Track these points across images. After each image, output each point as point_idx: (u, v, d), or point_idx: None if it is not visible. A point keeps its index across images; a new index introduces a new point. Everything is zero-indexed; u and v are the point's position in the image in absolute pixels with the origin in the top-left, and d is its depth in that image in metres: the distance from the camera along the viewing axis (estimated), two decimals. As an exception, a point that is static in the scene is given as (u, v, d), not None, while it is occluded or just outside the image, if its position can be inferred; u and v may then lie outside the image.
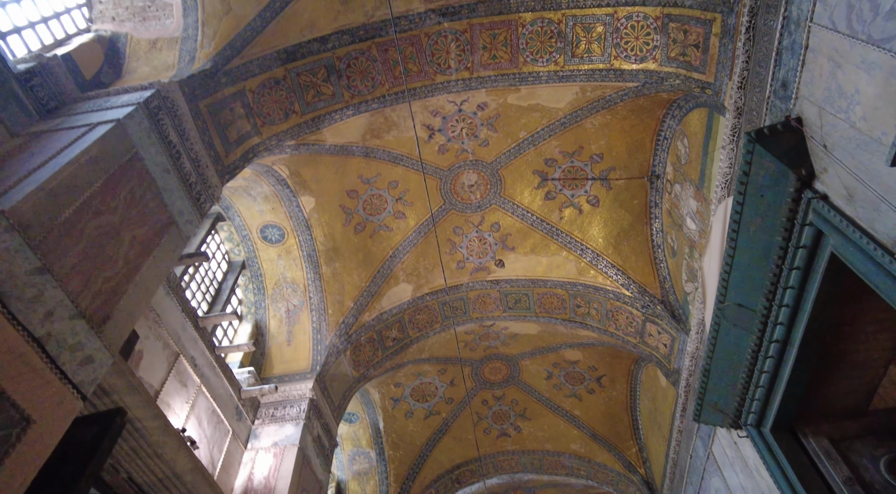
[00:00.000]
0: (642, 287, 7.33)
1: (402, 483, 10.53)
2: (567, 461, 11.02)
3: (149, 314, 4.98)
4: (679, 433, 7.56)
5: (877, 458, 4.54)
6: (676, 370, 7.23)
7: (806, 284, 4.06)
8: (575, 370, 10.16)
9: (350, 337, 8.02)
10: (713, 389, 5.35)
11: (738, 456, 5.83)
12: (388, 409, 10.43)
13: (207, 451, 5.65)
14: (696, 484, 7.33)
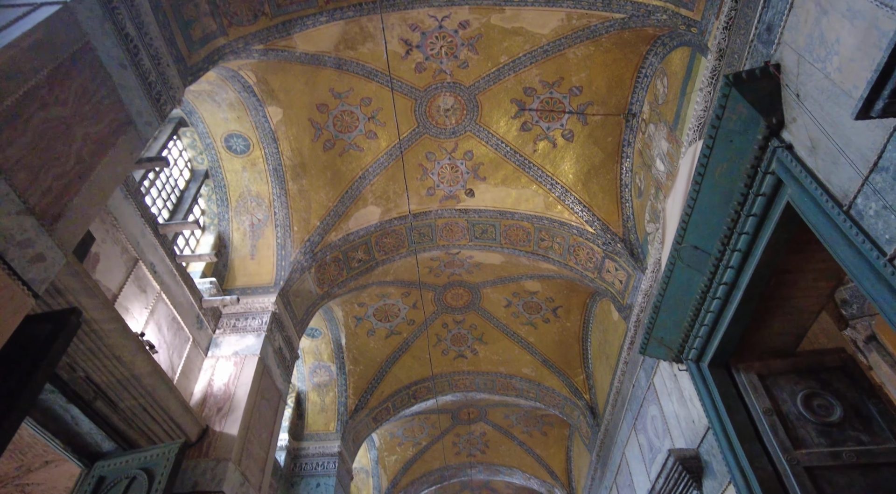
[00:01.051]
0: (605, 225, 7.48)
1: (360, 395, 11.00)
2: (518, 383, 11.65)
3: (106, 217, 4.84)
4: (625, 364, 8.04)
5: (795, 393, 4.95)
6: (629, 306, 7.56)
7: (759, 231, 4.21)
8: (533, 301, 10.51)
9: (315, 255, 8.03)
10: (661, 325, 5.64)
11: (675, 387, 6.27)
12: (350, 326, 10.68)
13: (167, 356, 5.73)
14: (634, 411, 7.90)
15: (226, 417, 5.92)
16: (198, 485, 5.33)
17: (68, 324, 3.11)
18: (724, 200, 4.30)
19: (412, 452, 14.22)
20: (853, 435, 4.63)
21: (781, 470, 4.52)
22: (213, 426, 5.83)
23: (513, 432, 14.17)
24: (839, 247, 3.20)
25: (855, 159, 2.94)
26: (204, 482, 5.35)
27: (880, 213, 2.82)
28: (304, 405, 10.81)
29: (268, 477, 6.44)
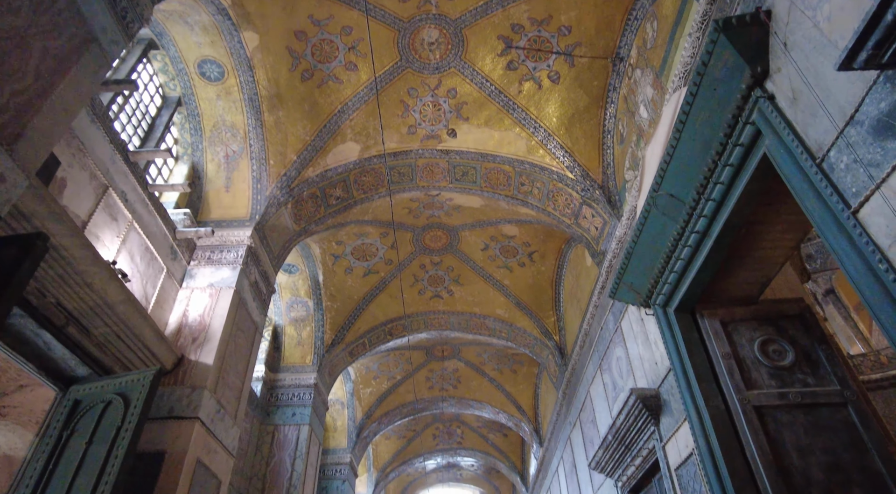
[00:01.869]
0: (585, 171, 7.48)
1: (337, 330, 11.20)
2: (491, 323, 11.96)
3: (72, 141, 4.66)
4: (595, 308, 8.28)
5: (753, 339, 5.20)
6: (602, 252, 7.70)
7: (734, 181, 4.26)
8: (510, 245, 10.62)
9: (292, 191, 7.91)
10: (632, 271, 5.79)
11: (641, 331, 6.51)
12: (328, 264, 10.71)
13: (140, 286, 5.70)
14: (601, 352, 8.22)
15: (201, 347, 5.99)
16: (174, 411, 5.45)
17: (34, 248, 3.05)
18: (703, 149, 4.31)
19: (387, 385, 14.70)
20: (801, 378, 4.92)
21: (733, 409, 4.81)
22: (188, 355, 5.91)
23: (484, 369, 14.69)
24: (808, 199, 3.27)
25: (833, 112, 2.95)
26: (180, 408, 5.47)
27: (850, 166, 2.87)
28: (280, 339, 10.99)
29: (243, 406, 6.61)
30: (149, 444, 5.17)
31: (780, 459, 4.47)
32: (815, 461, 4.44)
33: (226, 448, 5.99)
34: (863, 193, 2.83)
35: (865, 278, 2.83)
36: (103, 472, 4.08)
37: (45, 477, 4.20)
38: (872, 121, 2.70)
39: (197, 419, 5.43)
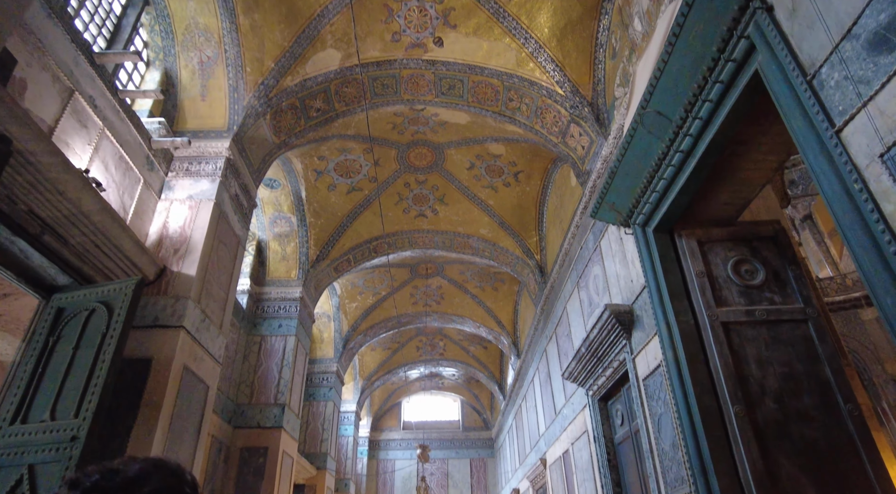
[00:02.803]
0: (576, 87, 7.26)
1: (321, 247, 11.26)
2: (475, 243, 12.10)
3: (28, 37, 4.34)
4: (576, 227, 8.37)
5: (727, 259, 5.34)
6: (587, 172, 7.67)
7: (723, 99, 4.18)
8: (496, 164, 10.51)
9: (270, 101, 7.60)
10: (614, 190, 5.79)
11: (619, 250, 6.64)
12: (310, 180, 10.55)
13: (117, 196, 5.59)
14: (579, 270, 8.41)
15: (183, 258, 6.00)
16: (158, 320, 5.55)
17: (-2, 151, 2.93)
18: (695, 64, 4.18)
19: (372, 300, 15.05)
20: (768, 297, 5.12)
21: (702, 324, 5.03)
22: (170, 266, 5.92)
23: (467, 286, 15.05)
24: (794, 118, 3.22)
25: (831, 24, 2.84)
26: (164, 317, 5.57)
27: (840, 83, 2.81)
28: (265, 254, 11.04)
29: (228, 316, 6.75)
30: (136, 351, 5.30)
31: (740, 370, 4.75)
32: (772, 371, 4.73)
33: (212, 356, 6.18)
34: (849, 111, 2.79)
35: (840, 198, 2.86)
36: (92, 375, 4.21)
37: (35, 379, 4.33)
38: (869, 34, 2.61)
39: (182, 328, 5.54)
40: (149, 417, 4.98)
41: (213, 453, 8.31)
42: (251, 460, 8.84)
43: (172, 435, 5.21)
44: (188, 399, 5.58)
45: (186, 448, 5.47)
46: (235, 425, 9.20)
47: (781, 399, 4.60)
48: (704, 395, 4.69)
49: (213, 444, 8.31)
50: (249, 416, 9.33)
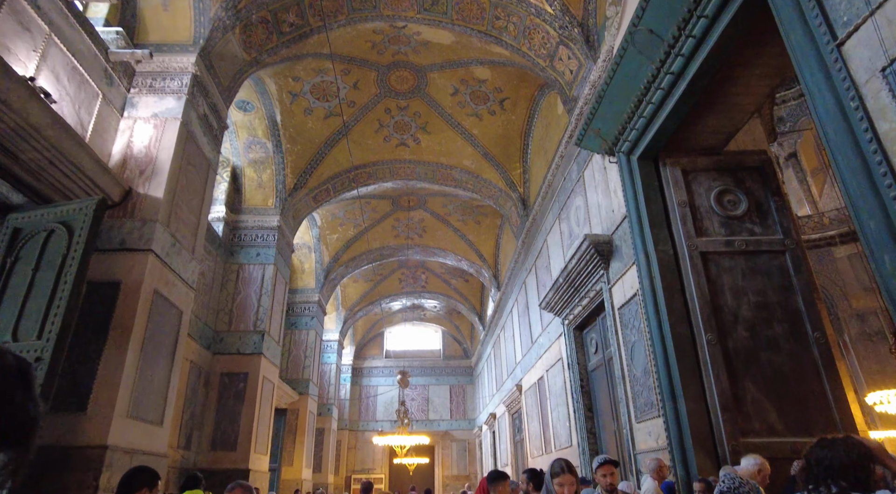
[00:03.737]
0: (566, 5, 6.82)
1: (299, 175, 10.93)
2: (458, 174, 11.85)
3: (-48, -78, 3.84)
4: (560, 158, 8.17)
5: (711, 188, 5.24)
6: (574, 99, 7.38)
7: (720, 14, 3.92)
8: (481, 90, 10.09)
9: (239, 13, 7.04)
10: (601, 116, 5.57)
11: (602, 180, 6.50)
12: (285, 103, 10.06)
13: (73, 111, 5.22)
14: (562, 202, 8.30)
15: (149, 180, 5.72)
16: (125, 243, 5.36)
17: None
18: (693, -27, 3.88)
19: (353, 232, 14.90)
20: (748, 227, 5.08)
21: (680, 254, 5.00)
22: (136, 188, 5.65)
23: (449, 219, 14.92)
24: (794, 32, 3.01)
25: (844, -79, 2.58)
26: (131, 240, 5.37)
27: (848, -10, 2.59)
28: (241, 181, 10.70)
29: (201, 241, 6.57)
30: (103, 274, 5.14)
31: (715, 299, 4.78)
32: (747, 301, 4.77)
33: (185, 281, 6.06)
34: (853, 22, 2.59)
35: (833, 117, 2.71)
36: (54, 297, 4.07)
37: (-6, 300, 4.18)
38: (885, -69, 2.37)
39: (150, 251, 5.36)
40: (119, 340, 4.90)
41: (192, 378, 8.38)
42: (231, 385, 8.96)
43: (145, 359, 5.16)
44: (160, 324, 5.50)
45: (161, 371, 5.45)
46: (215, 351, 9.24)
47: (753, 328, 4.66)
48: (679, 323, 4.73)
49: (191, 369, 8.36)
50: (229, 343, 9.36)
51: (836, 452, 1.54)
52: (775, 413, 4.33)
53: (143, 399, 5.10)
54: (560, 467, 2.27)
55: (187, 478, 4.55)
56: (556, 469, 2.26)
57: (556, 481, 2.17)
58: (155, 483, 2.14)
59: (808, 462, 1.64)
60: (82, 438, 4.48)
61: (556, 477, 2.21)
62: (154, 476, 2.16)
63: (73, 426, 4.54)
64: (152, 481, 2.14)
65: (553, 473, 2.25)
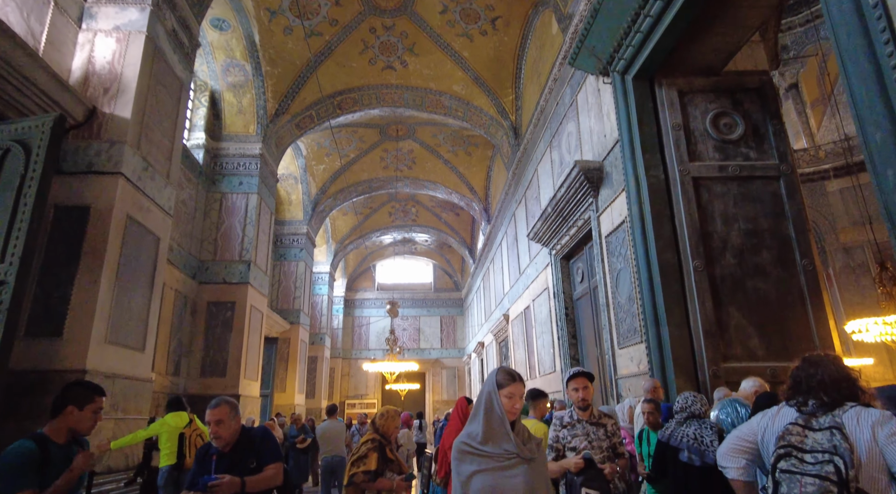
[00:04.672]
0: None
1: (280, 100, 10.45)
2: (447, 101, 11.39)
3: None
4: (554, 81, 7.79)
5: (707, 111, 4.99)
6: (570, 16, 6.92)
7: None
8: (472, 8, 9.47)
9: (205, -88, 6.40)
10: (596, 32, 5.21)
11: (596, 102, 6.20)
12: (263, 21, 9.43)
13: (20, 19, 4.78)
14: (553, 129, 8.00)
15: (115, 99, 5.37)
16: (93, 166, 5.10)
17: None
18: None
19: (340, 163, 14.53)
20: (744, 152, 4.89)
21: (672, 179, 4.82)
22: (101, 107, 5.31)
23: (439, 150, 14.55)
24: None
25: None
26: (99, 162, 5.11)
27: None
28: (220, 106, 10.23)
29: (176, 166, 6.30)
30: (71, 198, 4.93)
31: (705, 225, 4.66)
32: (737, 227, 4.65)
33: (161, 207, 5.85)
34: None
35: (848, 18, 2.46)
36: (14, 219, 3.87)
37: (-48, 223, 3.97)
38: None
39: (120, 174, 5.11)
40: (92, 266, 4.76)
41: (177, 306, 8.35)
42: (218, 313, 8.96)
43: (121, 285, 5.05)
44: (136, 250, 5.34)
45: (139, 297, 5.36)
46: (200, 280, 9.17)
47: (741, 255, 4.58)
48: (666, 250, 4.63)
49: (176, 298, 8.31)
50: (214, 272, 9.28)
51: (827, 368, 1.63)
52: (757, 339, 4.34)
53: (121, 325, 5.03)
54: (506, 376, 1.71)
55: (170, 401, 4.57)
56: (501, 379, 1.70)
57: (505, 392, 1.66)
58: (88, 400, 1.94)
59: (795, 378, 1.70)
60: (60, 362, 4.44)
61: (504, 388, 1.67)
62: (86, 393, 1.98)
63: (50, 351, 4.48)
64: (81, 398, 1.95)
65: (499, 384, 1.69)
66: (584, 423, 2.69)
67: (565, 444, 2.66)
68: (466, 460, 1.59)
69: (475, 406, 1.71)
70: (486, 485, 1.54)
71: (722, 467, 1.85)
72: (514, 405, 1.67)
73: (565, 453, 2.64)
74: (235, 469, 2.11)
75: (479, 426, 1.62)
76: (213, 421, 2.15)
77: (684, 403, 2.76)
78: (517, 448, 1.59)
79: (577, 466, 2.46)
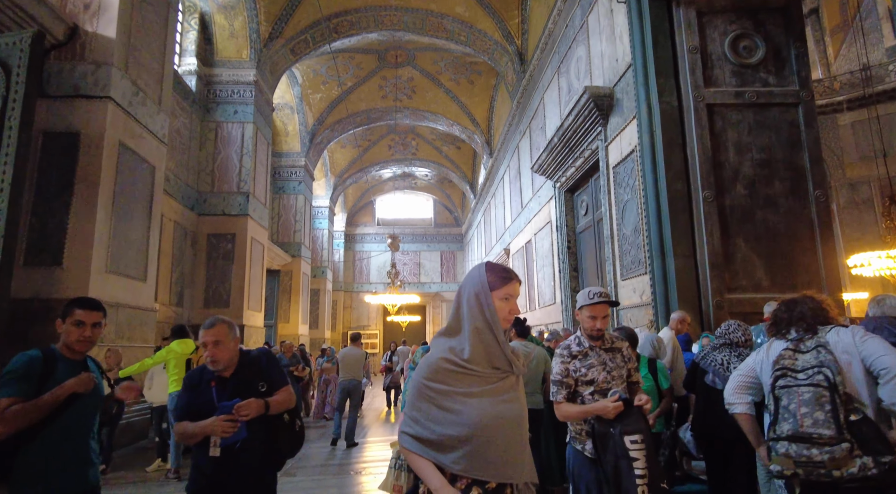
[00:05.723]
0: None
1: (274, 22, 9.92)
2: (449, 24, 10.81)
3: None
4: (563, 2, 7.34)
5: (727, 33, 4.70)
6: (583, -74, 6.40)
7: None
8: (477, -81, 8.78)
9: None
10: (612, -57, 4.82)
11: (608, 24, 5.85)
12: (252, -67, 8.76)
13: (-10, -76, 4.40)
14: (562, 53, 7.62)
15: (97, 16, 5.04)
16: (80, 89, 4.86)
17: None
18: None
19: (337, 92, 14.03)
20: (762, 78, 4.65)
21: (685, 106, 4.61)
22: (82, 25, 5.00)
23: (441, 79, 14.01)
24: None
25: None
26: (85, 86, 4.87)
27: None
28: (211, 30, 9.71)
29: (167, 91, 6.03)
30: (60, 123, 4.74)
31: (717, 155, 4.51)
32: (750, 157, 4.50)
33: (154, 134, 5.65)
34: None
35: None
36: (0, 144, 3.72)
37: (-64, 147, 3.82)
38: None
39: (109, 99, 4.89)
40: (87, 194, 4.65)
41: (177, 238, 8.30)
42: (219, 245, 8.93)
43: (118, 214, 4.96)
44: (131, 179, 5.21)
45: (137, 227, 5.28)
46: (200, 212, 9.07)
47: (753, 185, 4.46)
48: (676, 180, 4.50)
49: (175, 229, 8.25)
50: (213, 204, 9.16)
51: (804, 305, 1.93)
52: (763, 270, 4.30)
53: (121, 255, 4.99)
54: (501, 274, 1.30)
55: (175, 329, 4.59)
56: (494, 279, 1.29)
57: (500, 294, 1.26)
58: (68, 313, 1.83)
59: (776, 316, 1.99)
60: (62, 291, 4.43)
61: (499, 290, 1.28)
62: (69, 306, 1.86)
63: (51, 279, 4.46)
64: (65, 311, 1.84)
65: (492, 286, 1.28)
66: (597, 350, 2.24)
67: (578, 377, 2.20)
68: (450, 380, 1.23)
69: (454, 315, 1.31)
70: (485, 413, 1.20)
71: (729, 404, 2.05)
72: (512, 309, 1.29)
73: (577, 388, 2.20)
74: (242, 394, 1.96)
75: (464, 342, 1.25)
76: (211, 342, 1.96)
77: (725, 329, 2.88)
78: (514, 365, 1.28)
79: (616, 409, 2.01)
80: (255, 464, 1.98)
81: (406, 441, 1.25)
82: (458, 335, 1.29)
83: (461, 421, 1.19)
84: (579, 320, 2.29)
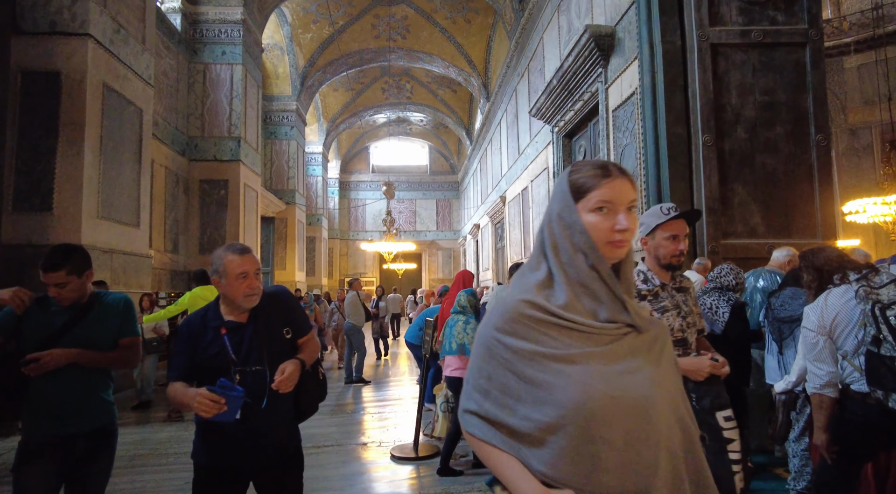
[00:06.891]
0: None
1: (259, -44, 9.39)
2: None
3: None
4: (565, -67, 6.94)
5: (738, -35, 4.48)
6: None
7: None
8: None
9: None
10: None
11: (611, -42, 5.56)
12: None
13: None
14: (562, -10, 7.28)
15: (70, -55, 4.75)
16: (56, 25, 4.63)
17: None
18: None
19: (328, 31, 13.50)
20: (771, 15, 4.47)
21: (689, 46, 4.45)
22: (55, -45, 4.71)
23: (436, 17, 13.46)
24: None
25: None
26: (63, 22, 4.64)
27: None
28: (192, -36, 9.20)
29: (151, 29, 5.77)
30: (37, 62, 4.55)
31: (719, 97, 4.39)
32: (752, 100, 4.40)
33: (139, 75, 5.45)
34: None
35: None
36: (-21, 83, 3.57)
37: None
38: None
39: (89, 36, 4.67)
40: (73, 138, 4.53)
41: (169, 184, 8.18)
42: (212, 192, 8.83)
43: (107, 158, 4.85)
44: (118, 122, 5.06)
45: (128, 172, 5.18)
46: (191, 158, 8.90)
47: (753, 129, 4.37)
48: (676, 123, 4.41)
49: (167, 175, 8.11)
50: (204, 149, 8.98)
51: (828, 252, 2.18)
52: (759, 216, 4.29)
53: (112, 201, 4.92)
54: (596, 170, 0.83)
55: (196, 274, 4.47)
56: (584, 179, 0.83)
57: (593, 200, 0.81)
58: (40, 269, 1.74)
59: (814, 267, 2.18)
60: (54, 237, 4.39)
61: (593, 191, 0.82)
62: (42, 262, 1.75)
63: (42, 225, 4.41)
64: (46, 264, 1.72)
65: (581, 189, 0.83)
66: (669, 289, 1.72)
67: None
68: (536, 335, 0.79)
69: (536, 246, 0.89)
70: (592, 389, 0.75)
71: (815, 373, 1.97)
72: (621, 229, 0.81)
73: None
74: (263, 345, 1.60)
75: (555, 282, 0.83)
76: (252, 272, 1.58)
77: (717, 273, 2.88)
78: (631, 316, 0.82)
79: (713, 368, 1.61)
80: (281, 421, 1.67)
81: (473, 425, 0.82)
82: (539, 270, 0.86)
83: (553, 400, 0.75)
84: (647, 248, 1.74)
